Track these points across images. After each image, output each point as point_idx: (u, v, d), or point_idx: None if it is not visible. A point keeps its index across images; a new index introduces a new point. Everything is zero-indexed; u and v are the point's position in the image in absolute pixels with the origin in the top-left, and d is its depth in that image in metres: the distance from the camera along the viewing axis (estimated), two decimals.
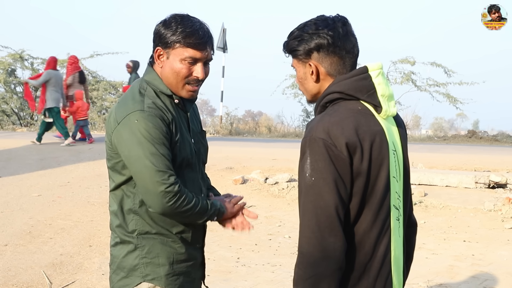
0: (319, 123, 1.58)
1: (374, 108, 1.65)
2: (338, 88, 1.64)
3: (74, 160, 9.56)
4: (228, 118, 20.33)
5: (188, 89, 1.98)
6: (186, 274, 2.04)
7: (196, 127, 2.14)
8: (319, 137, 1.54)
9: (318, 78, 1.68)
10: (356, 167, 1.55)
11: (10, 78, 20.63)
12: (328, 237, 1.51)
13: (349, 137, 1.54)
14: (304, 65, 1.69)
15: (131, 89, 2.01)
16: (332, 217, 1.51)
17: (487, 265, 5.06)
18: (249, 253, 5.32)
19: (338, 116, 1.59)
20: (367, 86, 1.63)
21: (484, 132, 20.44)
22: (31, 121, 20.84)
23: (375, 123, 1.62)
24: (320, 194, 1.52)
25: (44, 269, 4.60)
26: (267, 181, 8.15)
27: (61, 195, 7.23)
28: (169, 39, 1.92)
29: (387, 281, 1.63)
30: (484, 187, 8.01)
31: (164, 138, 1.87)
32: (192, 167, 2.03)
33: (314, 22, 1.66)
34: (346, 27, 1.66)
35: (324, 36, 1.63)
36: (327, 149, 1.53)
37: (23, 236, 5.46)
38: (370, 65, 1.65)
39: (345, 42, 1.65)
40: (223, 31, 19.18)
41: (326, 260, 1.51)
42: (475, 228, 6.36)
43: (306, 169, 1.54)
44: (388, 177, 1.61)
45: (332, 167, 1.52)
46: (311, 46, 1.65)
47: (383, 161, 1.60)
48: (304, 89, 1.74)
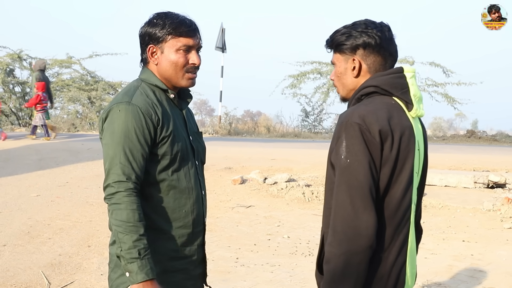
0: (355, 110, 1.67)
1: (406, 105, 1.74)
2: (375, 82, 1.74)
3: (73, 160, 9.55)
4: (227, 118, 20.32)
5: (188, 77, 2.03)
6: (184, 271, 2.03)
7: (193, 126, 2.17)
8: (355, 122, 1.63)
9: (359, 74, 1.78)
10: (386, 154, 1.64)
11: (8, 78, 20.60)
12: (361, 215, 1.58)
13: (383, 125, 1.63)
14: (346, 60, 1.79)
15: (126, 86, 2.06)
16: (366, 196, 1.59)
17: (486, 265, 5.06)
18: (248, 253, 5.31)
19: (373, 106, 1.69)
20: (402, 84, 1.74)
21: (483, 132, 20.47)
22: (30, 121, 20.81)
23: (405, 119, 1.72)
24: (354, 175, 1.60)
25: (42, 269, 4.59)
26: (266, 181, 8.15)
27: (60, 195, 7.22)
28: (160, 34, 1.97)
29: (402, 271, 1.70)
30: (483, 187, 8.02)
31: (141, 133, 1.89)
32: (189, 163, 2.03)
33: (363, 22, 1.78)
34: (391, 33, 1.79)
35: (372, 35, 1.74)
36: (362, 133, 1.61)
37: (22, 236, 5.45)
38: (405, 67, 1.76)
39: (389, 45, 1.77)
40: (222, 31, 19.17)
41: (358, 238, 1.57)
42: (474, 228, 6.36)
43: (342, 152, 1.62)
44: (412, 171, 1.70)
45: (367, 150, 1.61)
46: (358, 43, 1.75)
47: (409, 154, 1.69)
48: (341, 84, 1.83)
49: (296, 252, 5.38)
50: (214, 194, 7.49)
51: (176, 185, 1.98)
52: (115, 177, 1.86)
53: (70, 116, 20.07)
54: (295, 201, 7.53)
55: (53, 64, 21.27)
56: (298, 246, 5.58)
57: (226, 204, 7.22)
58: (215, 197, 7.38)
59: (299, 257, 5.24)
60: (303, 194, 7.66)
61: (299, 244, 5.65)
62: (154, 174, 1.95)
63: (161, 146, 1.94)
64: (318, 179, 8.75)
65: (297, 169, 9.37)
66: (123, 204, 1.84)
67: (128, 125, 1.88)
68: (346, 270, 1.59)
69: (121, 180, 1.86)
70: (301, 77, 21.37)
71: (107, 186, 1.88)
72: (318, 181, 8.65)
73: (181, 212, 2.00)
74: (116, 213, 1.85)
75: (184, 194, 2.00)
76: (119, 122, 1.89)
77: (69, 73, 21.62)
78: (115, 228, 1.85)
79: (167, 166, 1.97)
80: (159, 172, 1.96)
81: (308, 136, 19.52)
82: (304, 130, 21.88)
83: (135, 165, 1.88)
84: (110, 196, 1.87)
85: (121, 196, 1.85)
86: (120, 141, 1.88)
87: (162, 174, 1.96)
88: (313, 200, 7.56)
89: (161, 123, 1.94)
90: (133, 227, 1.83)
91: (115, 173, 1.87)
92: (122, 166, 1.86)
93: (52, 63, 21.25)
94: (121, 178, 1.86)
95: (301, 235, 5.98)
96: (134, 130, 1.88)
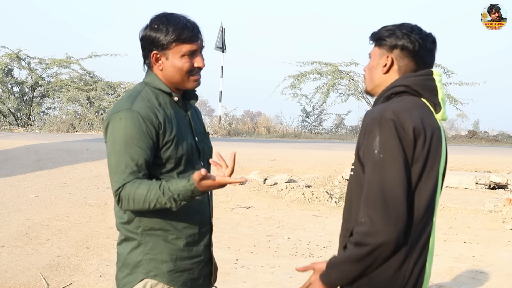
0: (388, 106, 1.69)
1: (434, 107, 1.78)
2: (406, 82, 1.76)
3: (72, 161, 9.53)
4: (226, 119, 20.32)
5: (193, 79, 2.03)
6: (190, 271, 2.04)
7: (199, 127, 2.17)
8: (390, 118, 1.64)
9: (388, 72, 1.81)
10: (418, 152, 1.65)
11: (7, 78, 20.58)
12: (392, 210, 1.59)
13: (416, 123, 1.65)
14: (382, 55, 1.82)
15: (130, 90, 2.06)
16: (399, 193, 1.60)
17: (488, 266, 5.03)
18: (248, 254, 5.29)
19: (405, 104, 1.71)
20: (432, 86, 1.77)
21: (485, 133, 20.50)
22: (28, 121, 20.80)
23: (434, 120, 1.76)
24: (388, 170, 1.61)
25: (41, 270, 4.56)
26: (266, 181, 8.13)
27: (58, 196, 7.19)
28: (163, 41, 1.97)
29: (422, 270, 1.72)
30: (485, 188, 8.00)
31: (141, 139, 1.90)
32: (194, 165, 2.03)
33: (411, 26, 1.80)
34: (434, 45, 1.81)
35: (414, 40, 1.76)
36: (397, 129, 1.63)
37: (20, 237, 5.42)
38: (434, 70, 1.79)
39: (426, 55, 1.79)
40: (221, 30, 19.17)
41: (392, 230, 1.59)
42: (475, 229, 6.34)
43: (375, 147, 1.63)
44: (439, 171, 1.73)
45: (401, 146, 1.62)
46: (398, 43, 1.78)
47: (437, 154, 1.71)
48: (370, 77, 1.86)
49: (296, 254, 5.35)
50: (214, 195, 7.38)
51: None
52: (118, 184, 1.89)
53: (68, 116, 20.04)
54: (295, 202, 7.50)
55: (52, 64, 21.27)
56: (298, 248, 5.55)
57: (226, 205, 7.20)
58: (215, 198, 7.33)
59: (299, 258, 5.21)
60: (303, 195, 7.63)
61: (299, 245, 5.62)
62: (160, 177, 1.95)
63: (165, 150, 1.95)
64: (319, 180, 8.73)
65: (297, 170, 9.35)
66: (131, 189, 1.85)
67: (127, 132, 1.89)
68: (376, 260, 1.62)
69: (127, 181, 1.88)
70: (301, 78, 21.35)
71: (114, 193, 1.91)
72: (318, 182, 8.63)
73: (188, 212, 2.00)
74: (133, 198, 1.85)
75: None
76: (120, 130, 1.90)
77: (68, 73, 21.64)
78: (149, 203, 1.84)
79: (172, 169, 1.97)
80: (165, 175, 1.96)
81: (308, 136, 19.52)
82: (304, 130, 21.88)
83: (138, 172, 1.89)
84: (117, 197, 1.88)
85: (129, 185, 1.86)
86: (121, 149, 1.89)
87: (168, 176, 1.96)
88: (313, 201, 7.53)
89: (163, 128, 1.94)
90: (152, 190, 1.83)
91: (117, 181, 1.89)
92: (126, 175, 1.88)
93: (51, 63, 21.24)
94: (127, 181, 1.88)
95: (301, 236, 5.95)
96: (135, 137, 1.89)
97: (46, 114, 22.16)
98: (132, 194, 1.86)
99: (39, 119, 21.63)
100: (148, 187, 1.85)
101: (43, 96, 21.84)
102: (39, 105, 21.57)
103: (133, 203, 1.86)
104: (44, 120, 21.21)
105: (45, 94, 21.63)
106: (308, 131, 21.71)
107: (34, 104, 21.32)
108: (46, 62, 21.26)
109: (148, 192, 1.84)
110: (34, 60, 21.17)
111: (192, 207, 2.01)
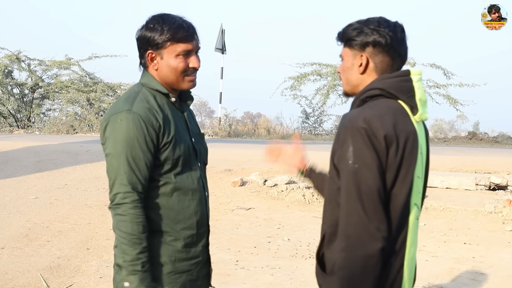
0: (360, 113, 1.66)
1: (411, 109, 1.73)
2: (381, 85, 1.72)
3: (72, 163, 9.53)
4: (226, 120, 20.32)
5: (188, 80, 2.03)
6: (188, 272, 2.05)
7: (195, 128, 2.17)
8: (361, 126, 1.62)
9: (364, 71, 1.76)
10: (390, 160, 1.64)
11: (7, 80, 20.59)
12: (373, 220, 1.59)
13: (388, 131, 1.63)
14: (355, 56, 1.77)
15: (127, 91, 2.06)
16: (376, 201, 1.60)
17: (488, 267, 5.03)
18: (248, 255, 5.28)
19: (378, 110, 1.67)
20: (408, 88, 1.72)
21: (485, 134, 20.49)
22: (28, 123, 20.80)
23: (410, 123, 1.71)
24: (364, 180, 1.60)
25: (41, 272, 4.56)
26: (266, 183, 8.12)
27: (58, 197, 7.19)
28: (159, 40, 1.97)
29: (399, 274, 1.71)
30: (485, 189, 8.00)
31: (143, 141, 1.90)
32: (191, 166, 2.04)
33: (377, 20, 1.75)
34: (404, 34, 1.76)
35: (384, 34, 1.72)
36: (369, 137, 1.61)
37: (20, 239, 5.42)
38: (412, 70, 1.75)
39: (400, 47, 1.75)
40: (221, 32, 19.17)
41: (372, 241, 1.58)
42: (475, 231, 6.33)
43: (349, 157, 1.62)
44: (414, 175, 1.69)
45: (375, 155, 1.61)
46: (368, 40, 1.73)
47: (412, 160, 1.68)
48: (346, 79, 1.81)
49: (297, 255, 5.35)
50: (214, 196, 7.46)
51: (179, 187, 1.99)
52: (121, 188, 1.88)
53: (68, 118, 20.05)
54: (295, 203, 7.50)
55: (52, 66, 21.28)
56: (298, 249, 5.55)
57: (226, 206, 7.19)
58: (215, 199, 7.35)
59: (299, 259, 5.21)
60: (303, 196, 7.63)
61: (300, 247, 5.62)
62: (158, 178, 1.95)
63: (163, 151, 1.95)
64: None
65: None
66: (128, 217, 1.86)
67: (130, 134, 1.89)
68: (364, 273, 1.60)
69: (127, 191, 1.88)
70: (301, 79, 21.35)
71: (113, 196, 1.90)
72: None
73: (185, 214, 2.01)
74: (121, 224, 1.87)
75: (188, 196, 2.01)
76: (121, 132, 1.89)
77: (68, 74, 21.64)
78: (118, 239, 1.88)
79: (169, 170, 1.97)
80: (162, 176, 1.96)
81: (308, 137, 19.51)
82: (305, 131, 21.87)
83: (139, 174, 1.90)
84: (115, 207, 1.88)
85: (127, 208, 1.87)
86: (123, 150, 1.88)
87: (165, 177, 1.97)
88: (313, 202, 7.53)
89: (163, 129, 1.94)
90: (137, 239, 1.86)
91: (121, 183, 1.88)
92: (127, 176, 1.88)
93: (51, 64, 21.25)
94: (127, 189, 1.88)
95: (301, 238, 5.95)
96: (137, 139, 1.89)
97: (46, 115, 22.19)
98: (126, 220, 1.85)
99: (39, 120, 21.65)
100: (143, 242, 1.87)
101: (43, 98, 21.86)
102: (39, 107, 21.58)
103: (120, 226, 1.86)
104: (44, 122, 21.24)
105: (45, 95, 21.65)
106: (308, 132, 21.70)
107: (34, 106, 21.33)
108: (46, 63, 21.27)
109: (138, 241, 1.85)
110: (34, 62, 21.19)
111: (190, 209, 2.02)
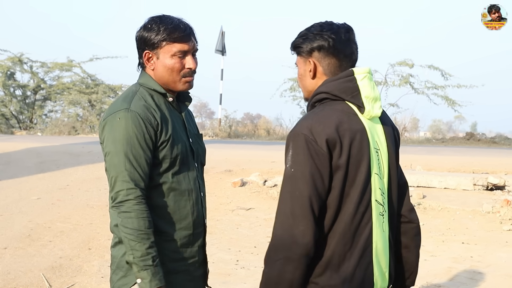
0: (304, 120, 1.71)
1: (358, 108, 1.76)
2: (326, 89, 1.76)
3: (73, 163, 9.57)
4: (227, 121, 20.33)
5: (184, 81, 2.04)
6: (184, 272, 2.05)
7: (193, 128, 2.18)
8: (302, 133, 1.67)
9: (315, 76, 1.80)
10: (335, 161, 1.66)
11: (9, 82, 20.65)
12: (299, 224, 1.62)
13: (330, 134, 1.66)
14: (305, 62, 1.81)
15: (125, 91, 2.07)
16: (305, 206, 1.63)
17: (486, 267, 5.06)
18: (248, 255, 5.32)
19: (322, 114, 1.72)
20: (352, 88, 1.75)
21: (482, 134, 20.49)
22: (30, 124, 20.86)
23: (357, 122, 1.74)
24: (296, 185, 1.65)
25: (43, 272, 4.60)
26: (266, 183, 8.16)
27: (61, 198, 7.23)
28: (155, 40, 1.99)
29: (367, 271, 1.72)
30: (483, 189, 8.03)
31: (142, 139, 1.91)
32: (189, 166, 2.05)
33: (320, 24, 1.80)
34: (349, 34, 1.79)
35: (326, 37, 1.75)
36: (307, 144, 1.65)
37: (23, 239, 5.46)
38: (356, 69, 1.77)
39: (345, 47, 1.77)
40: (221, 34, 19.20)
41: (294, 246, 1.62)
42: (473, 230, 6.36)
43: (288, 161, 1.68)
44: (369, 173, 1.72)
45: (311, 161, 1.64)
46: (313, 45, 1.77)
47: (362, 158, 1.71)
48: (302, 86, 1.86)
49: None
50: (214, 196, 7.50)
51: (176, 187, 1.99)
52: (124, 184, 1.87)
53: (70, 119, 20.10)
54: None
55: (54, 68, 21.34)
56: None
57: (226, 206, 7.23)
58: (215, 200, 7.39)
59: None
60: None
61: None
62: (154, 177, 1.96)
63: (161, 150, 1.96)
64: None
65: None
66: (134, 213, 1.86)
67: (129, 132, 1.89)
68: (280, 276, 1.63)
69: (130, 187, 1.87)
70: None
71: (115, 194, 1.89)
72: None
73: (181, 214, 2.01)
74: (127, 221, 1.86)
75: (184, 196, 2.01)
76: (120, 130, 1.90)
77: (70, 76, 21.73)
78: (125, 236, 1.87)
79: (167, 169, 1.98)
80: (159, 175, 1.97)
81: None
82: None
83: (141, 171, 1.90)
84: (119, 204, 1.88)
85: (131, 204, 1.86)
86: (123, 148, 1.89)
87: (162, 177, 1.97)
88: None
89: (160, 128, 1.95)
90: (145, 234, 1.86)
91: (123, 181, 1.88)
92: (129, 173, 1.88)
93: (53, 66, 21.31)
94: (130, 186, 1.87)
95: None
96: (136, 137, 1.90)
97: (48, 117, 22.25)
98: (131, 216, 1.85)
99: (41, 122, 21.72)
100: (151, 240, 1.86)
101: (45, 99, 21.92)
102: (41, 108, 21.66)
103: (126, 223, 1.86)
104: (46, 123, 21.31)
105: (47, 97, 21.72)
106: None
107: (36, 107, 21.41)
108: (48, 65, 21.34)
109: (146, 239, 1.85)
110: (36, 64, 21.26)
111: (186, 209, 2.02)
